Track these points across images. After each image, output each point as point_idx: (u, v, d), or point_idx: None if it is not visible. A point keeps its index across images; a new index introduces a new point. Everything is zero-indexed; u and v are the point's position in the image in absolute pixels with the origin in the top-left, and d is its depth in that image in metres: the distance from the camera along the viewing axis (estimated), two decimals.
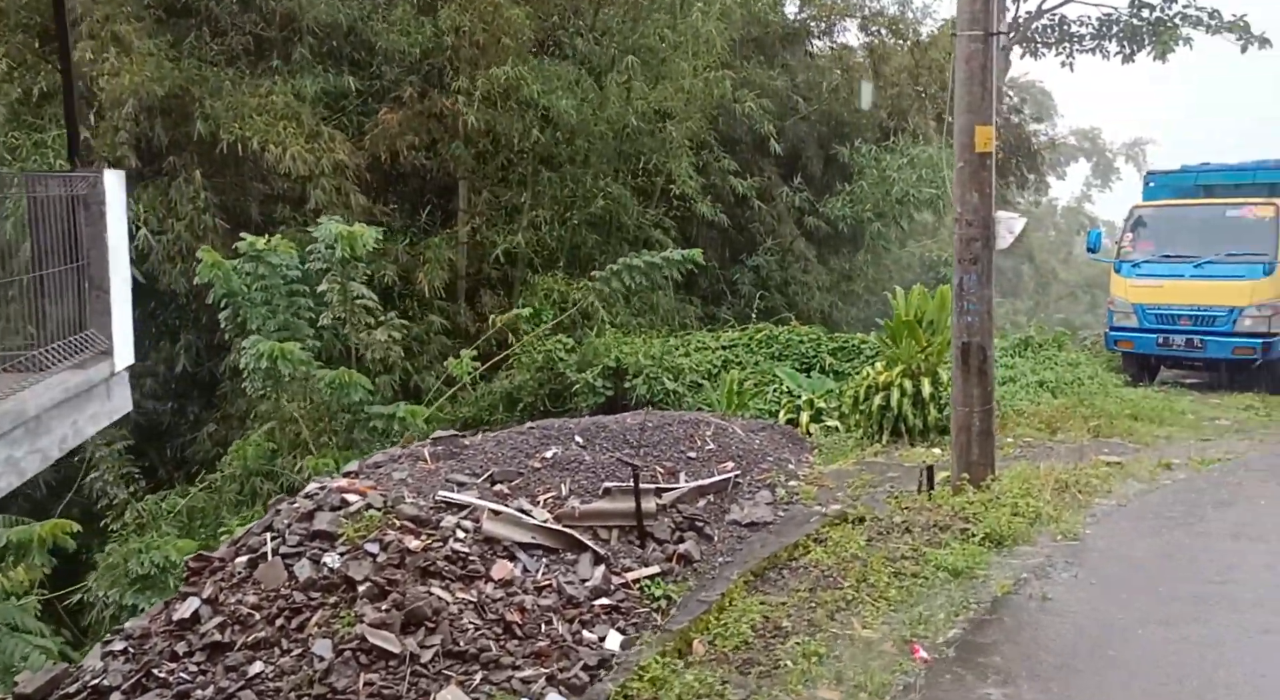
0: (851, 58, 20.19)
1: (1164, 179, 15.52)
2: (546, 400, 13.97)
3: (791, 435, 11.20)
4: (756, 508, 9.43)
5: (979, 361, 7.69)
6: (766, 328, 14.52)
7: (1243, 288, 13.49)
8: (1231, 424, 11.73)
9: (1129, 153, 55.44)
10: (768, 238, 18.36)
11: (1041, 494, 7.61)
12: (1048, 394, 12.46)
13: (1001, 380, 12.76)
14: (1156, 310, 14.17)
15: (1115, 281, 14.76)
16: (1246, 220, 13.75)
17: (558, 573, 7.59)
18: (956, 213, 7.77)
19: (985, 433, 7.69)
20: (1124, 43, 25.54)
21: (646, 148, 16.43)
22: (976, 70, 7.48)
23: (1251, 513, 7.51)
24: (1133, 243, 14.72)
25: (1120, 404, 12.09)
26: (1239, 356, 13.61)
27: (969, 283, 7.68)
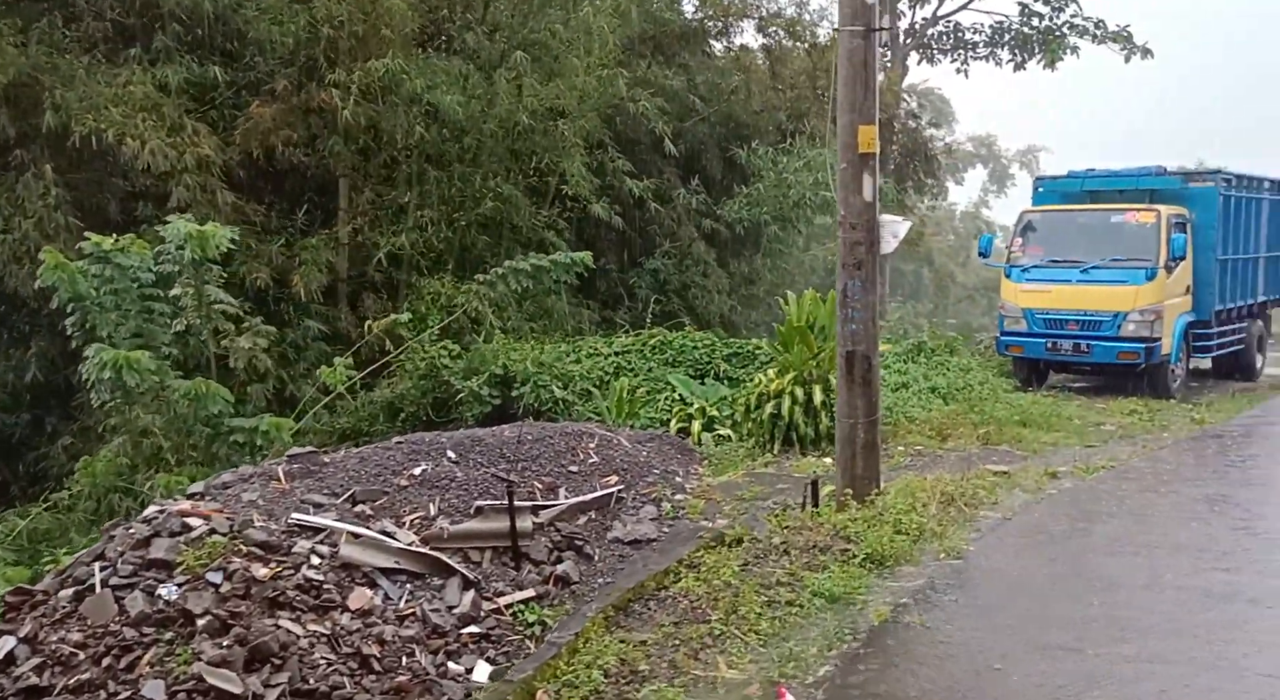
0: (750, 59, 19.98)
1: (1052, 184, 15.64)
2: (430, 410, 13.30)
3: (681, 446, 10.80)
4: (640, 524, 8.99)
5: (864, 371, 7.38)
6: (660, 333, 14.13)
7: (1127, 293, 13.61)
8: (1116, 429, 11.76)
9: (1023, 160, 57.01)
10: (666, 241, 17.99)
11: (927, 508, 7.34)
12: (939, 400, 12.34)
13: (894, 387, 12.61)
14: (1045, 315, 14.22)
15: (1005, 286, 14.78)
16: (1130, 226, 13.89)
17: (423, 600, 7.03)
18: (840, 215, 7.46)
19: (870, 445, 7.38)
20: (1016, 51, 26.14)
21: (539, 147, 15.89)
22: (858, 67, 7.17)
23: (1133, 524, 7.36)
24: (1022, 248, 14.76)
25: (1010, 410, 12.03)
26: (1124, 361, 13.73)
27: (853, 288, 7.37)
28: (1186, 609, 5.47)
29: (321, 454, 8.80)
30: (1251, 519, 7.59)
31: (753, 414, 11.17)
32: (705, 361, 13.49)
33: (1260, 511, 7.80)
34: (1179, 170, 14.58)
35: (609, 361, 13.54)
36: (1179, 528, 7.27)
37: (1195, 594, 5.71)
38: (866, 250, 7.35)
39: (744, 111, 19.73)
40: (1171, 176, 14.47)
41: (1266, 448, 10.89)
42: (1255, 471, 9.44)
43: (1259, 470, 9.58)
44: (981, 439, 10.83)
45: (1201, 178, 14.51)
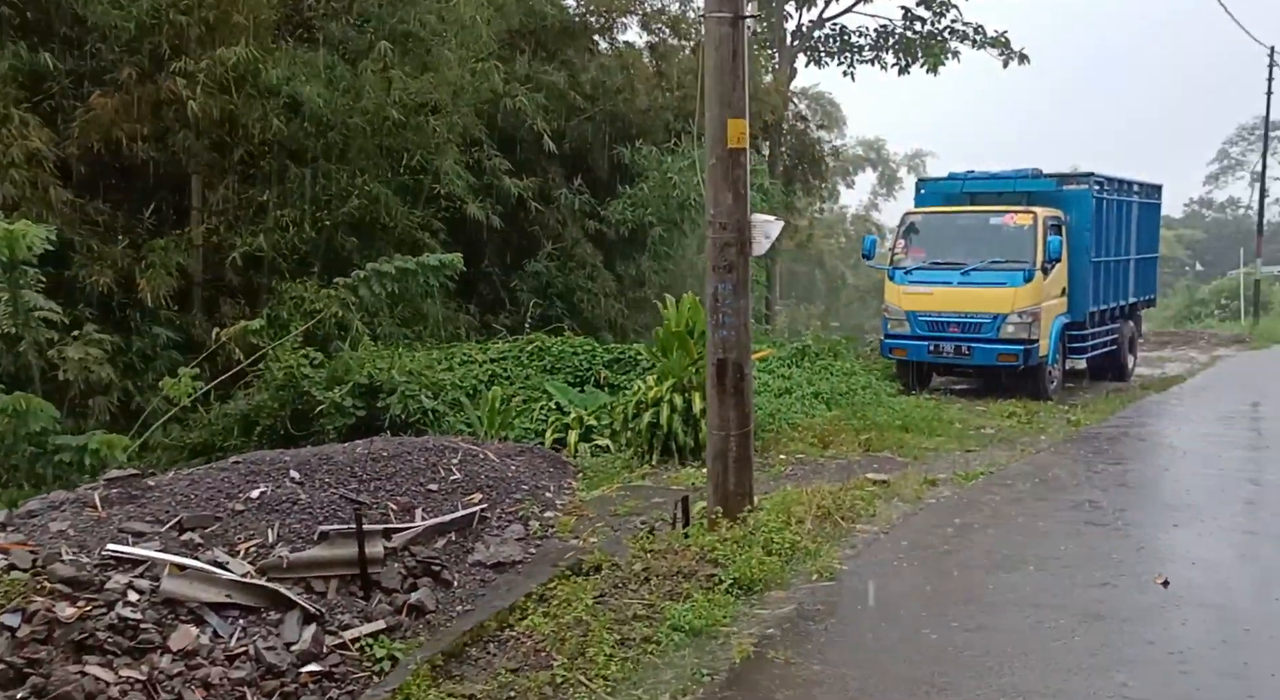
0: (635, 57, 19.54)
1: (934, 186, 15.62)
2: (289, 423, 12.41)
3: (554, 459, 10.24)
4: (505, 545, 8.41)
5: (736, 380, 6.95)
6: (538, 338, 13.53)
7: (1005, 295, 13.61)
8: (996, 433, 11.68)
9: (911, 164, 58.16)
10: (549, 242, 17.39)
11: (802, 524, 6.95)
12: (823, 406, 12.08)
13: (778, 392, 12.30)
14: (927, 317, 14.15)
15: (889, 288, 14.67)
16: (1008, 228, 13.91)
17: (257, 637, 6.33)
18: (709, 215, 7.02)
19: (743, 459, 6.95)
20: (900, 54, 26.38)
21: (411, 143, 15.11)
22: (726, 58, 6.73)
23: (1010, 536, 7.12)
24: (905, 249, 14.67)
25: (892, 414, 11.84)
26: (1003, 363, 13.74)
27: (723, 292, 6.93)
28: (1061, 633, 5.18)
29: (145, 476, 7.96)
30: (1125, 525, 7.44)
31: (631, 423, 10.69)
32: (585, 368, 12.95)
33: (1133, 518, 7.66)
34: (1054, 173, 14.70)
35: (483, 369, 12.89)
36: (1055, 539, 7.05)
37: (1070, 615, 5.43)
38: (737, 252, 6.92)
39: (631, 111, 19.27)
40: (1047, 179, 14.58)
41: (1137, 450, 10.92)
42: (1128, 475, 9.38)
43: (1131, 474, 9.53)
44: (863, 446, 10.58)
45: (1075, 180, 14.66)
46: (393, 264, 12.16)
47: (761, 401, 11.75)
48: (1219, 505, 8.16)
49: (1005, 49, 24.77)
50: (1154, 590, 5.81)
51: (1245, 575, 6.26)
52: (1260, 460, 10.48)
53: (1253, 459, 10.50)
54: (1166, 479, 9.28)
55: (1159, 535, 7.18)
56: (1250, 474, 9.57)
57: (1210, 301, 33.65)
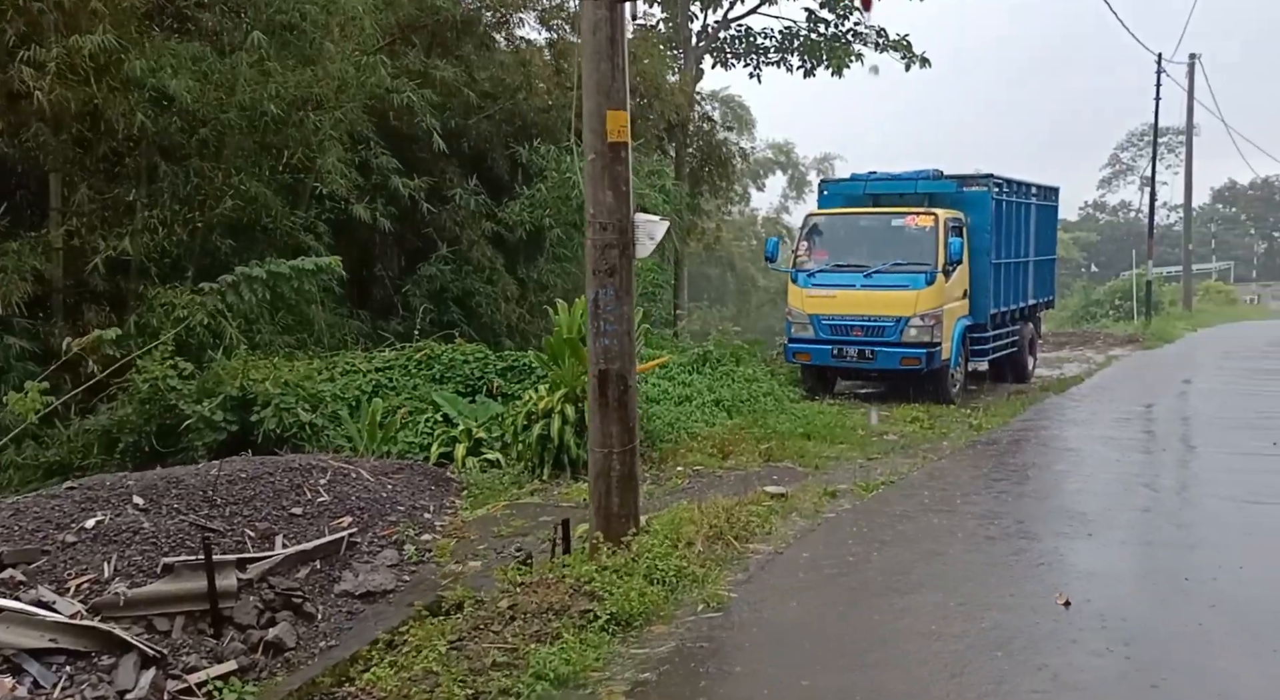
0: (534, 54, 18.93)
1: (836, 188, 15.42)
2: (155, 439, 11.52)
3: (436, 476, 9.62)
4: (376, 573, 7.79)
5: (619, 392, 6.45)
6: (427, 346, 12.84)
7: (908, 298, 13.44)
8: (898, 439, 11.44)
9: (820, 167, 58.66)
10: (443, 244, 16.66)
11: (691, 547, 6.49)
12: (724, 413, 11.69)
13: (678, 400, 11.87)
14: (831, 321, 13.90)
15: (792, 291, 14.39)
16: (910, 230, 13.75)
17: (85, 685, 5.66)
18: (588, 215, 6.51)
19: (627, 477, 6.46)
20: (805, 57, 26.31)
21: (291, 140, 14.26)
22: (604, 43, 6.24)
23: (910, 554, 6.77)
24: (808, 252, 14.41)
25: (794, 422, 11.52)
26: (907, 367, 13.56)
27: (605, 298, 6.43)
28: (958, 666, 4.81)
29: None
30: (1025, 538, 7.17)
31: (520, 436, 10.14)
32: (477, 377, 12.31)
33: (1033, 530, 7.41)
34: (954, 175, 14.61)
35: (368, 379, 12.14)
36: (955, 556, 6.73)
37: (968, 644, 5.07)
38: (620, 254, 6.42)
39: (530, 109, 18.67)
40: (947, 180, 14.47)
41: (1037, 455, 10.79)
42: (1028, 484, 9.19)
43: (1031, 481, 9.35)
44: (764, 455, 10.22)
45: (975, 182, 14.59)
46: (264, 268, 11.36)
47: (660, 410, 11.30)
48: (1117, 513, 7.98)
49: (907, 52, 24.87)
50: (1055, 612, 5.50)
51: (1145, 592, 6.01)
52: (1154, 463, 10.43)
53: (1147, 462, 10.45)
54: (1066, 486, 9.10)
55: (1059, 548, 6.93)
56: (1146, 479, 9.47)
57: (1105, 302, 34.51)
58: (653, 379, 12.15)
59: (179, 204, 13.63)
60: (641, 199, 15.75)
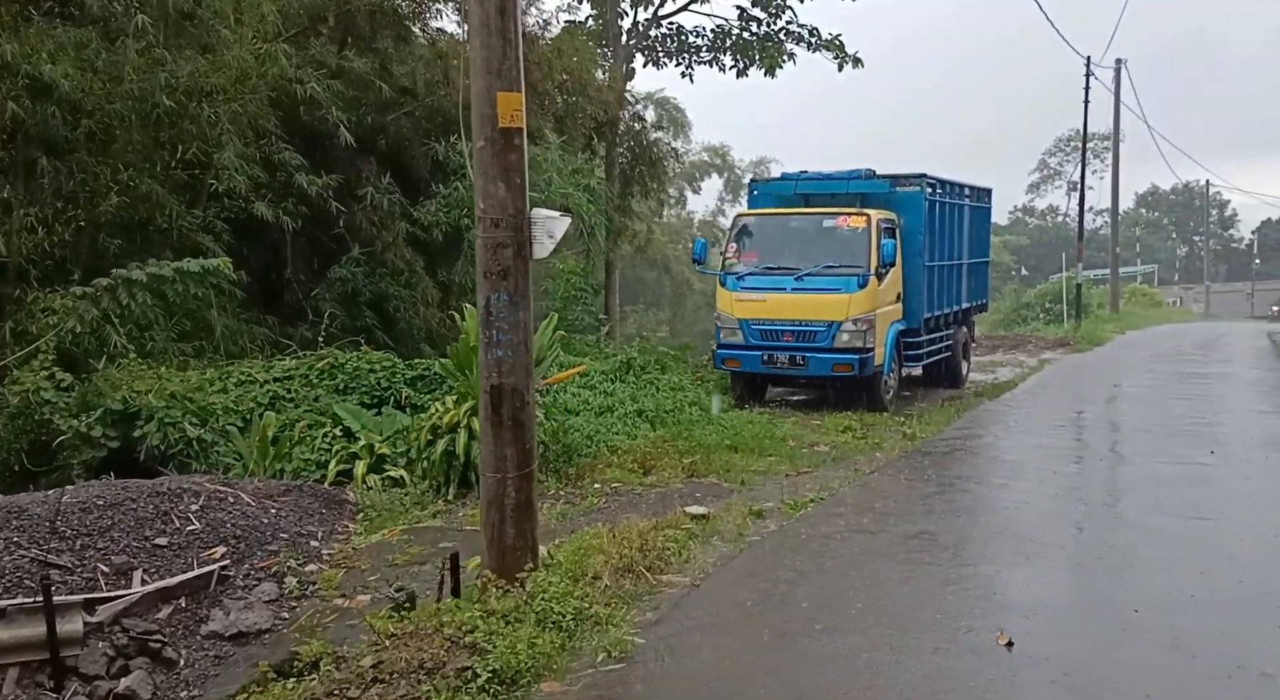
0: (455, 47, 18.10)
1: (766, 187, 14.88)
2: (26, 457, 10.54)
3: (330, 497, 8.80)
4: (250, 611, 6.99)
5: (515, 410, 5.75)
6: (330, 354, 11.99)
7: (840, 301, 12.94)
8: (830, 451, 10.91)
9: (756, 170, 58.56)
10: (356, 246, 15.77)
11: (598, 582, 5.81)
12: (647, 425, 11.05)
13: (598, 410, 11.20)
14: (761, 326, 13.34)
15: (721, 295, 13.81)
16: (842, 231, 13.27)
17: None
18: (478, 210, 5.80)
19: (524, 506, 5.75)
20: (737, 56, 25.86)
21: (188, 134, 13.29)
22: (493, 14, 5.53)
23: (836, 582, 6.19)
24: (737, 254, 13.84)
25: (721, 433, 10.92)
26: (839, 374, 13.06)
27: (498, 304, 5.72)
28: None
29: None
30: (962, 565, 6.63)
31: (424, 452, 9.37)
32: (384, 387, 11.51)
33: (970, 555, 6.88)
34: (887, 174, 14.16)
35: (264, 390, 11.26)
36: (887, 586, 6.15)
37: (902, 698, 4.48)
38: (515, 254, 5.73)
39: (452, 105, 17.85)
40: (880, 180, 14.02)
41: (972, 467, 10.32)
42: (962, 499, 8.68)
43: (966, 496, 8.84)
44: (688, 470, 9.59)
45: (907, 182, 14.16)
46: (145, 270, 10.42)
47: (579, 422, 10.62)
48: (1056, 533, 7.51)
49: (840, 52, 24.54)
50: (997, 654, 4.94)
51: (1094, 628, 5.47)
52: (1091, 476, 10.03)
53: (1084, 474, 10.05)
54: (1002, 502, 8.62)
55: (998, 576, 6.40)
56: (1083, 493, 9.04)
57: (1035, 305, 34.71)
58: (572, 388, 11.46)
59: (62, 201, 12.59)
60: (565, 198, 15.08)
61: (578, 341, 13.79)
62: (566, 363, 12.00)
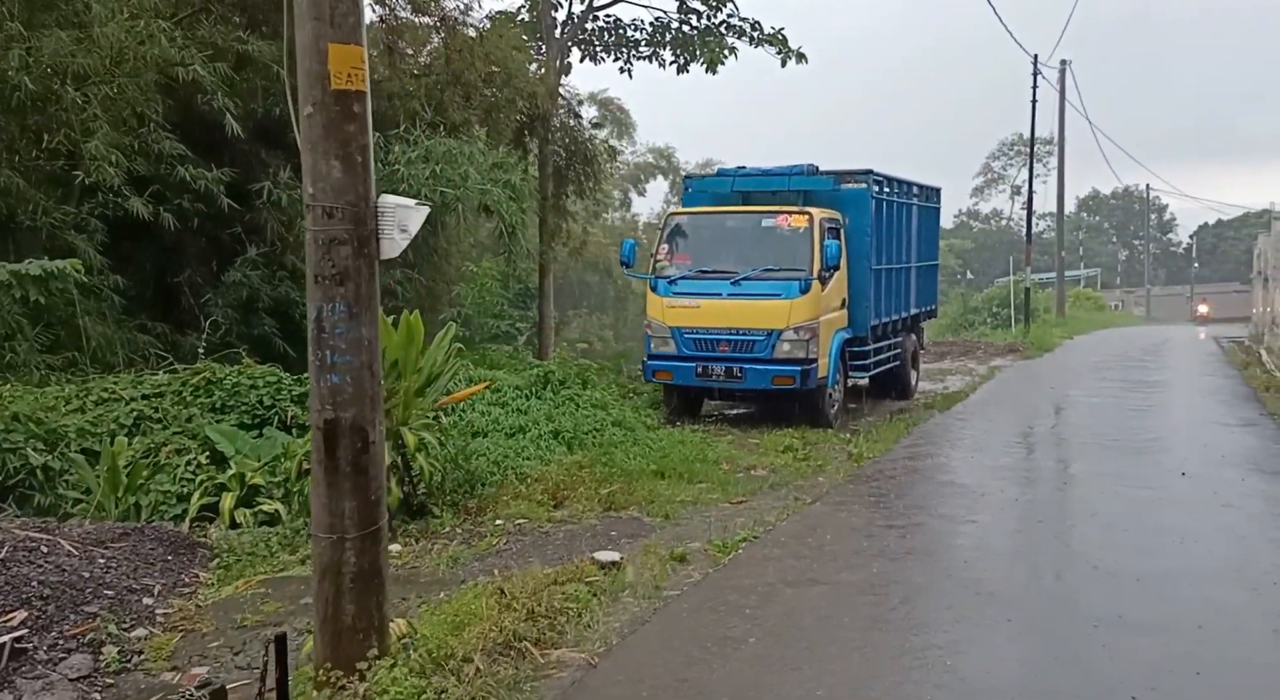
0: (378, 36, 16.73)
1: (702, 184, 13.77)
2: None
3: (178, 540, 7.46)
4: (49, 693, 5.67)
5: (354, 452, 4.51)
6: (207, 368, 10.61)
7: (780, 308, 11.87)
8: (768, 475, 9.79)
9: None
10: (252, 247, 14.33)
11: (467, 666, 4.61)
12: (564, 447, 9.86)
13: (510, 432, 9.98)
14: (695, 335, 12.22)
15: (651, 301, 12.67)
16: (782, 231, 12.21)
17: None
18: (306, 196, 4.56)
19: (367, 575, 4.52)
20: (678, 51, 24.76)
21: (55, 121, 11.82)
22: None
23: (768, 655, 5.05)
24: (669, 255, 12.71)
25: (647, 456, 9.77)
26: (779, 387, 11.98)
27: (331, 317, 4.49)
28: None
29: None
30: (918, 629, 5.53)
31: (298, 483, 8.08)
32: (268, 405, 10.16)
33: (926, 614, 5.77)
34: (831, 170, 13.13)
35: (128, 409, 9.85)
36: (828, 661, 5.03)
37: None
38: (354, 253, 4.50)
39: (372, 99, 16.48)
40: (823, 176, 12.99)
41: (924, 495, 9.26)
42: (915, 536, 7.58)
43: (919, 533, 7.74)
44: (605, 502, 8.42)
45: (853, 178, 13.15)
46: None
47: (487, 445, 9.41)
48: (1024, 581, 6.47)
49: (783, 47, 23.52)
50: None
51: None
52: (1047, 504, 9.00)
53: (1040, 502, 9.05)
54: (959, 539, 7.56)
55: (960, 642, 5.31)
56: (1052, 526, 8.03)
57: (983, 309, 34.13)
58: (481, 406, 10.23)
59: None
60: (483, 195, 13.82)
61: (494, 352, 12.56)
62: (477, 376, 10.77)
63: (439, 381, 8.67)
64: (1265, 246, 28.81)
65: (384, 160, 13.85)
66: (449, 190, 13.50)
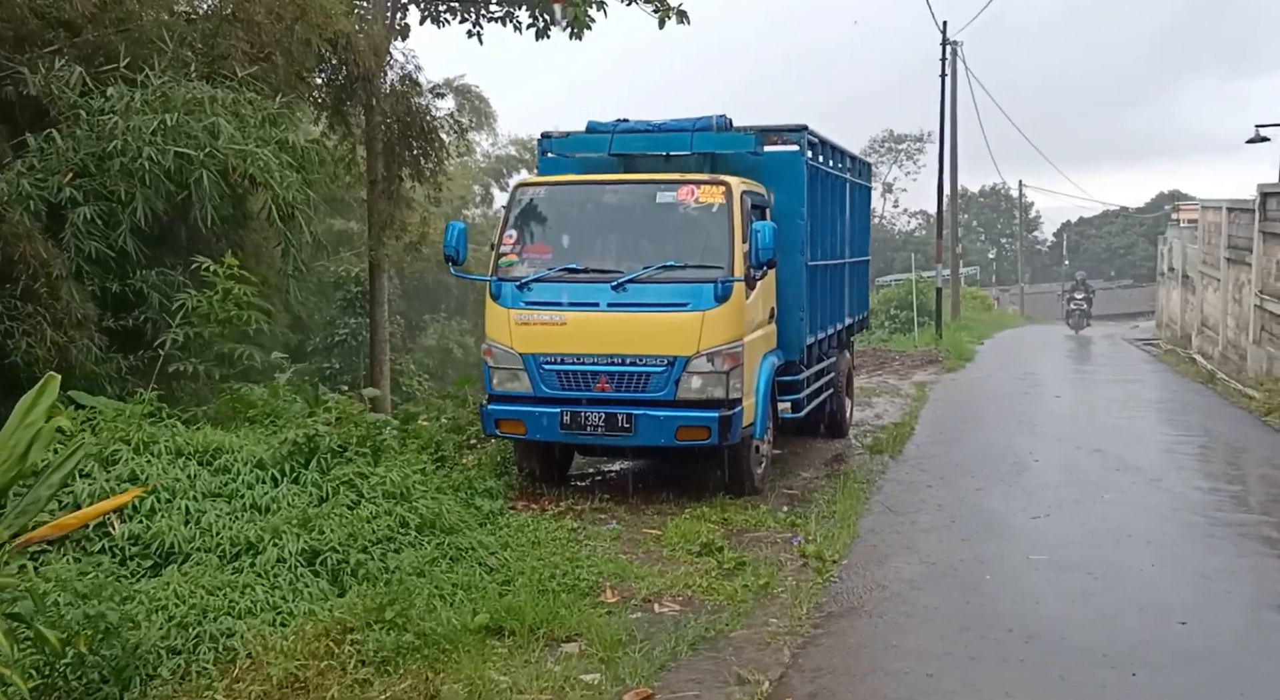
0: None
1: (565, 145, 9.57)
2: None
3: None
4: None
5: None
6: None
7: (686, 325, 7.87)
8: (680, 611, 5.73)
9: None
10: None
11: None
12: (326, 583, 5.56)
13: (230, 552, 5.63)
14: (560, 366, 8.09)
15: (493, 314, 8.46)
16: (686, 209, 8.24)
17: None
18: None
19: None
20: (535, 14, 20.62)
21: None
22: None
23: None
24: (517, 247, 8.53)
25: (475, 588, 5.63)
26: (687, 442, 7.95)
27: None
28: None
29: None
30: None
31: None
32: None
33: None
34: (753, 127, 9.18)
35: None
36: None
37: None
38: None
39: (129, 39, 11.75)
40: (740, 134, 9.01)
41: (934, 639, 5.41)
42: None
43: None
44: None
45: (781, 138, 9.26)
46: None
47: (176, 588, 5.09)
48: None
49: (660, 5, 19.62)
50: None
51: None
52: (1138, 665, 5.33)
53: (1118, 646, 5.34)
54: None
55: None
56: None
57: (879, 311, 31.06)
58: (185, 502, 5.84)
59: None
60: (242, 158, 9.31)
61: (242, 394, 8.08)
62: (166, 453, 6.37)
63: (37, 491, 4.31)
64: (1177, 244, 26.72)
65: (87, 109, 9.24)
66: (184, 149, 8.98)
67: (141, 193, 9.00)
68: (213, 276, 8.16)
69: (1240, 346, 18.00)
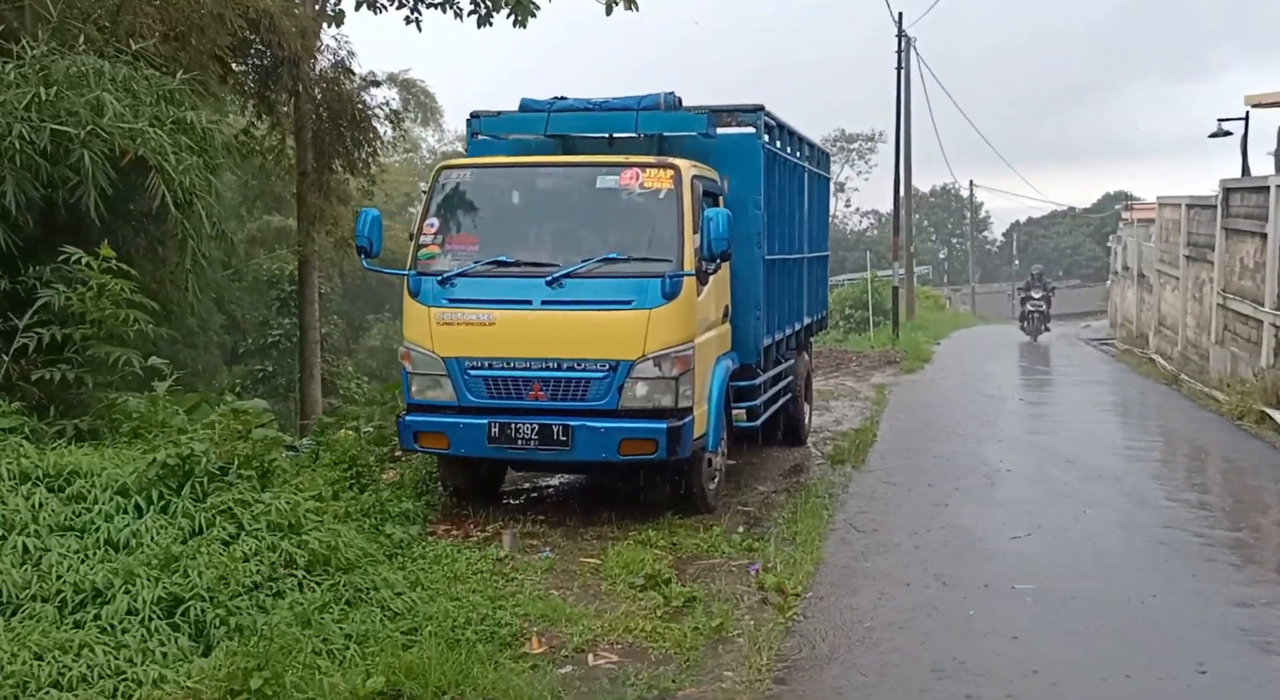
0: None
1: (496, 124, 8.61)
2: None
3: None
4: None
5: None
6: None
7: (631, 324, 6.97)
8: (619, 666, 4.83)
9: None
10: None
11: None
12: (188, 640, 4.58)
13: (72, 601, 4.62)
14: (488, 371, 7.15)
15: (411, 312, 7.51)
16: (630, 195, 7.34)
17: None
18: None
19: None
20: None
21: None
22: None
23: None
24: (439, 237, 7.58)
25: (371, 643, 4.69)
26: (631, 457, 7.07)
27: None
28: None
29: None
30: None
31: None
32: None
33: None
34: (705, 106, 8.32)
35: None
36: None
37: None
38: None
39: None
40: (690, 114, 8.13)
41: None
42: None
43: None
44: None
45: (735, 119, 8.41)
46: None
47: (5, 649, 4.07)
48: None
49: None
50: None
51: None
52: None
53: None
54: None
55: None
56: None
57: (834, 311, 30.47)
58: (17, 536, 4.81)
59: None
60: (131, 137, 8.23)
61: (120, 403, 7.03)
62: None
63: None
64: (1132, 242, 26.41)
65: None
66: (66, 129, 7.90)
67: (12, 174, 7.92)
68: (85, 270, 7.07)
69: (1201, 346, 17.53)
